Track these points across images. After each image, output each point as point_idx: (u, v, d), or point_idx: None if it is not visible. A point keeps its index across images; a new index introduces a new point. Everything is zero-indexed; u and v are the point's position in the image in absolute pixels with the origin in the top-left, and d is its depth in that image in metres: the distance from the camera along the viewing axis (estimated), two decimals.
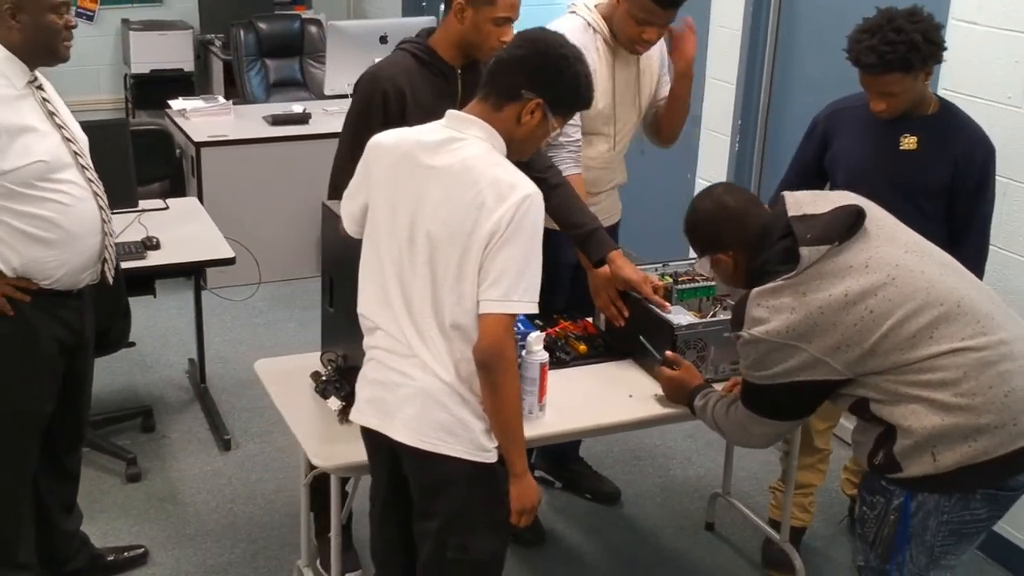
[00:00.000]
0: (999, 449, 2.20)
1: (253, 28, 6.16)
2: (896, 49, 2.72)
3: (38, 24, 2.63)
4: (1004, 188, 3.31)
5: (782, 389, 2.32)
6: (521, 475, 2.23)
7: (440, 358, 2.17)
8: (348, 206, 2.39)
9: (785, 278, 2.28)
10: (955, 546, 2.34)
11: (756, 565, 3.46)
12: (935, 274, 2.28)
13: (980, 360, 2.21)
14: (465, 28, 2.81)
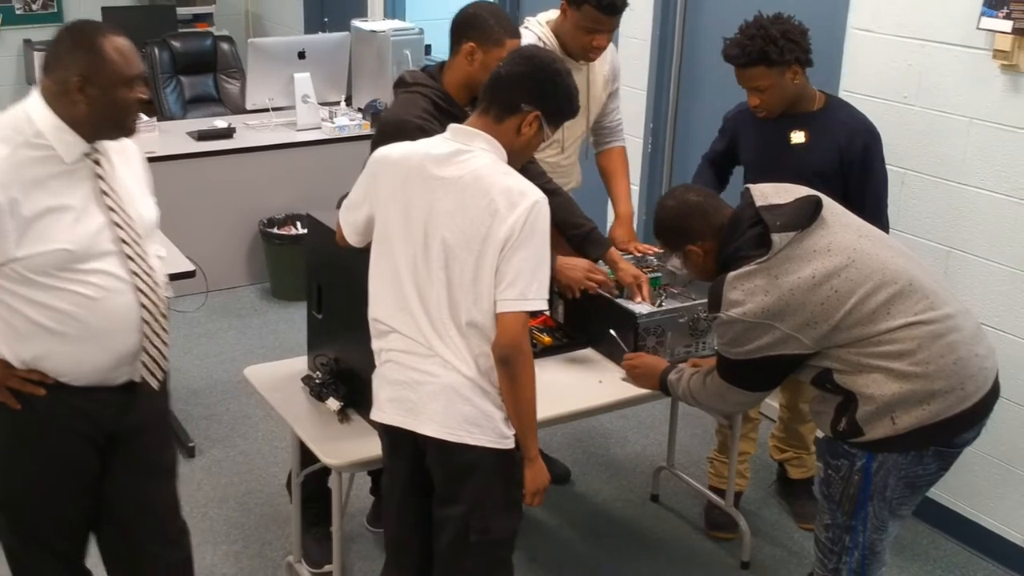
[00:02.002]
0: (949, 411, 2.38)
1: (167, 46, 6.02)
2: (755, 43, 2.94)
3: (107, 99, 2.20)
4: (902, 178, 3.53)
5: (757, 363, 2.46)
6: (535, 459, 2.31)
7: (460, 355, 2.22)
8: (350, 217, 2.41)
9: (758, 262, 2.41)
10: (909, 497, 2.53)
11: (700, 529, 3.60)
12: (887, 256, 2.45)
13: (931, 332, 2.38)
14: (474, 70, 2.82)
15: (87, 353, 2.29)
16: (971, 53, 3.25)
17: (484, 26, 2.82)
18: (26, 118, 2.20)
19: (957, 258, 3.42)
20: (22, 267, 2.19)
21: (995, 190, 3.28)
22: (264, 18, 7.89)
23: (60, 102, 2.20)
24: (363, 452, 2.52)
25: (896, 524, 2.57)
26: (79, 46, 2.18)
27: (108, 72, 2.19)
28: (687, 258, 2.62)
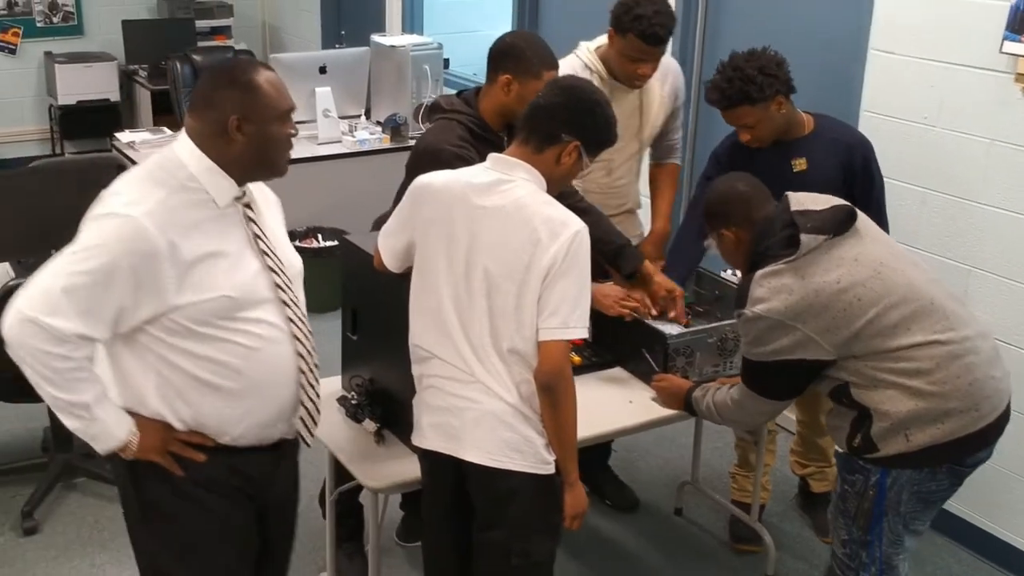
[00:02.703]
0: (963, 430, 2.40)
1: (189, 60, 6.03)
2: (733, 85, 2.92)
3: (263, 135, 2.09)
4: (923, 197, 3.53)
5: (777, 367, 2.47)
6: (574, 484, 2.32)
7: (502, 382, 2.23)
8: (390, 243, 2.42)
9: (786, 261, 2.43)
10: (922, 512, 2.53)
11: (725, 543, 3.60)
12: (912, 274, 2.48)
13: (949, 353, 2.39)
14: (510, 100, 2.81)
15: (249, 408, 2.15)
16: (993, 76, 3.26)
17: (521, 57, 2.81)
18: (178, 161, 2.09)
19: (977, 277, 3.42)
20: (182, 316, 2.05)
21: (1016, 210, 3.28)
22: (281, 30, 7.90)
23: (213, 144, 2.08)
24: (402, 474, 2.53)
25: (912, 539, 2.57)
26: (234, 84, 2.07)
27: (264, 108, 2.09)
28: (720, 240, 2.65)
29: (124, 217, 1.99)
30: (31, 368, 2.01)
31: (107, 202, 2.04)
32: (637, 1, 3.13)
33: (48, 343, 1.98)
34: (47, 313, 1.96)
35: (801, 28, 3.99)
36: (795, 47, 3.85)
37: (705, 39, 4.42)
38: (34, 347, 1.98)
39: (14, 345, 1.99)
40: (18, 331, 1.98)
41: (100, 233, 1.99)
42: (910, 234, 3.55)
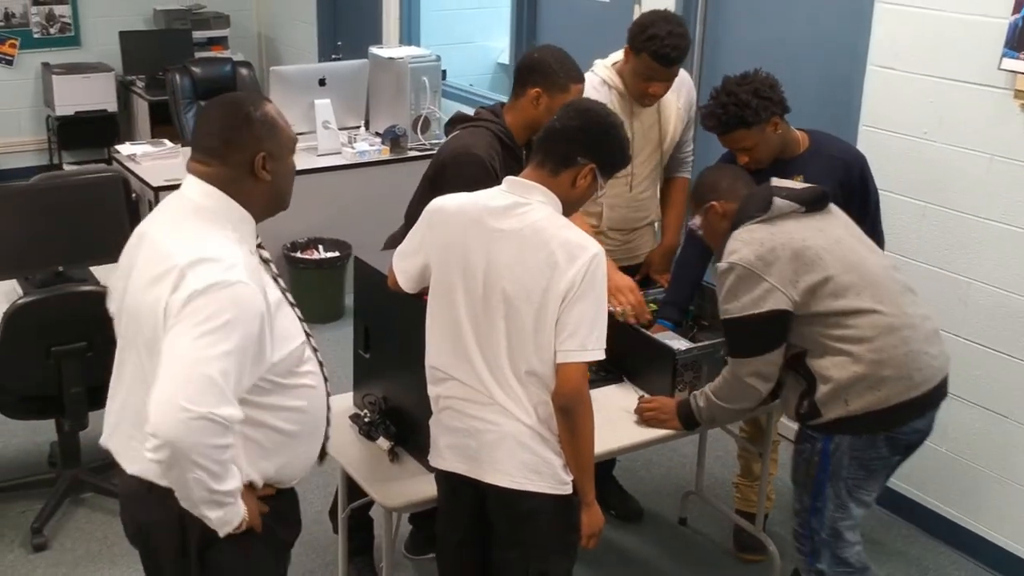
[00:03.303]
0: (896, 398, 2.57)
1: (187, 72, 6.00)
2: (728, 110, 2.93)
3: (285, 169, 2.04)
4: (922, 211, 3.54)
5: (753, 323, 2.59)
6: (591, 503, 2.31)
7: (520, 404, 2.22)
8: (405, 265, 2.40)
9: (758, 220, 2.64)
10: (865, 480, 2.68)
11: (729, 552, 3.60)
12: (866, 254, 2.69)
13: (889, 324, 2.58)
14: (539, 113, 2.86)
15: (310, 447, 2.14)
16: (992, 92, 3.27)
17: (549, 72, 2.88)
18: (221, 207, 1.99)
19: (977, 289, 3.43)
20: (272, 373, 1.97)
21: (1015, 224, 3.29)
22: (277, 41, 7.87)
23: (241, 186, 1.99)
24: (417, 493, 2.52)
25: (859, 509, 2.70)
26: (252, 122, 1.99)
27: (284, 140, 2.04)
28: (707, 214, 2.77)
29: (235, 284, 1.89)
30: (198, 467, 1.85)
31: (205, 270, 1.89)
32: (653, 21, 3.14)
33: (219, 436, 1.85)
34: (216, 404, 1.83)
35: (801, 44, 3.99)
36: (795, 63, 3.89)
37: (704, 55, 4.42)
38: (206, 444, 1.83)
39: (185, 447, 1.81)
40: (188, 431, 1.81)
41: (222, 306, 1.86)
42: (910, 247, 3.56)
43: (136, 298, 1.99)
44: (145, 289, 1.95)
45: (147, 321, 1.94)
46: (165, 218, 2.06)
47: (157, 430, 1.82)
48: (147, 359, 1.96)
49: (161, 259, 1.94)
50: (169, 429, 1.81)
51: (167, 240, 1.98)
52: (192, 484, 1.87)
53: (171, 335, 1.87)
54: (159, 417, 1.82)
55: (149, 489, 2.03)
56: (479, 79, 6.56)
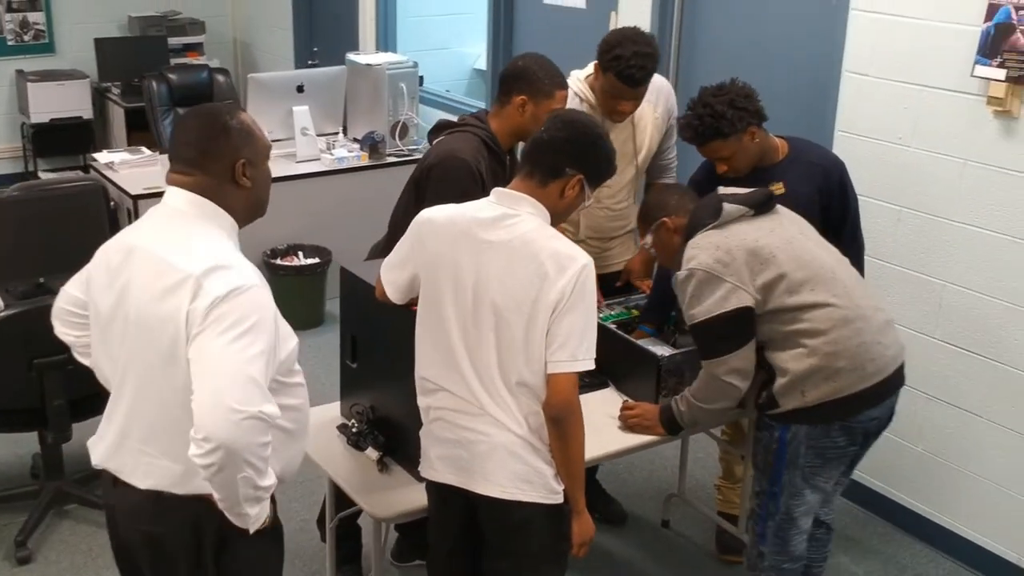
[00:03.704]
0: (849, 388, 2.64)
1: (164, 79, 5.95)
2: (704, 121, 2.94)
3: (263, 175, 2.08)
4: (898, 215, 3.56)
5: (720, 323, 2.62)
6: (582, 512, 2.31)
7: (511, 414, 2.21)
8: (393, 276, 2.39)
9: (711, 227, 2.69)
10: (822, 468, 2.75)
11: (712, 553, 3.61)
12: (818, 251, 2.74)
13: (843, 317, 2.63)
14: (525, 120, 2.91)
15: (303, 446, 2.19)
16: (965, 99, 3.29)
17: (534, 79, 2.91)
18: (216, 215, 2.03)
19: (951, 291, 3.46)
20: (278, 372, 1.99)
21: (988, 228, 3.32)
22: (253, 47, 7.82)
23: (224, 193, 2.02)
24: (407, 503, 2.50)
25: (815, 495, 2.77)
26: (229, 131, 2.02)
27: (260, 147, 2.08)
28: (658, 232, 2.81)
29: (252, 288, 1.94)
30: (248, 465, 1.87)
31: (221, 278, 1.91)
32: (619, 41, 3.14)
33: (265, 433, 1.88)
34: (262, 403, 1.86)
35: (777, 51, 4.01)
36: (771, 70, 3.91)
37: (680, 64, 4.43)
38: (256, 443, 1.86)
39: (238, 448, 1.83)
40: (240, 432, 1.83)
41: (247, 311, 1.90)
42: (886, 251, 3.59)
43: (144, 312, 1.97)
44: (156, 302, 1.95)
45: (163, 332, 1.94)
46: (156, 230, 2.05)
47: (211, 434, 1.82)
48: (162, 369, 1.96)
49: (169, 270, 1.94)
50: (222, 431, 1.82)
51: (169, 251, 1.98)
52: (241, 483, 1.89)
53: (199, 342, 1.89)
54: (211, 421, 1.83)
55: (157, 500, 2.03)
56: (455, 85, 6.54)
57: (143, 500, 2.05)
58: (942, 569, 3.57)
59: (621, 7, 4.59)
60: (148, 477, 2.04)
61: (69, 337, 2.21)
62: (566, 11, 4.99)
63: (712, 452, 3.84)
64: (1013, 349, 3.32)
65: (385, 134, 5.51)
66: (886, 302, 3.57)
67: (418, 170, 3.06)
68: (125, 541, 2.16)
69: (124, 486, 2.08)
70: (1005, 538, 3.46)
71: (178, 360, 1.92)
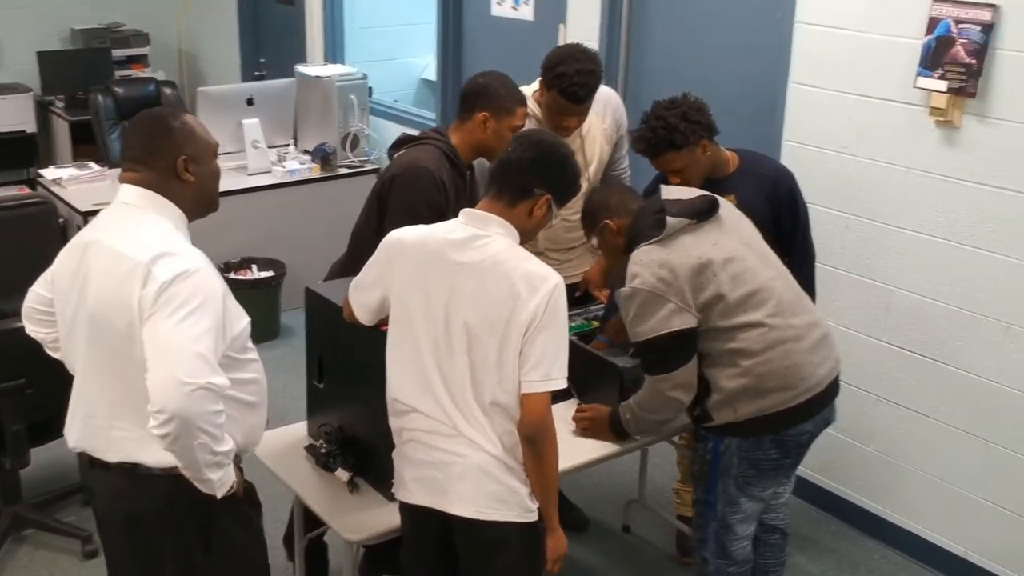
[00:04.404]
0: (780, 406, 2.66)
1: (110, 92, 5.79)
2: (657, 133, 2.95)
3: (208, 172, 2.22)
4: (845, 222, 3.60)
5: (663, 342, 2.60)
6: (556, 529, 2.30)
7: (485, 434, 2.19)
8: (363, 298, 2.34)
9: (654, 241, 2.62)
10: (755, 478, 2.77)
11: (673, 556, 3.62)
12: (759, 267, 2.69)
13: (776, 339, 2.63)
14: (487, 136, 2.92)
15: (263, 417, 2.30)
16: (908, 109, 3.34)
17: (496, 96, 2.92)
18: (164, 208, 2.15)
19: (898, 296, 3.50)
20: (231, 350, 2.12)
21: (933, 234, 3.37)
22: (199, 58, 7.66)
23: (169, 189, 2.15)
24: (379, 524, 2.46)
25: (752, 503, 2.80)
26: (171, 130, 2.16)
27: (203, 145, 2.20)
28: (602, 233, 2.77)
29: (198, 271, 2.06)
30: (202, 432, 1.99)
31: (168, 263, 2.04)
32: (562, 59, 3.14)
33: (216, 403, 2.00)
34: (210, 375, 1.98)
35: (724, 64, 4.03)
36: (719, 83, 3.93)
37: (628, 80, 4.43)
38: (208, 411, 1.99)
39: (190, 416, 1.96)
40: (191, 402, 1.96)
41: (193, 292, 2.02)
42: (834, 257, 3.62)
43: (102, 299, 2.09)
44: (112, 289, 2.07)
45: (119, 317, 2.06)
46: (110, 224, 2.18)
47: (164, 405, 1.95)
48: (124, 349, 2.08)
49: (121, 260, 2.07)
50: (174, 403, 1.95)
51: (120, 242, 2.10)
52: (197, 449, 2.01)
53: (151, 324, 2.01)
54: (163, 394, 1.96)
55: (133, 478, 2.15)
56: (403, 95, 6.49)
57: (119, 478, 2.17)
58: (893, 564, 3.62)
59: (569, 20, 4.58)
60: (119, 452, 2.16)
61: (39, 334, 2.34)
62: (515, 23, 4.97)
63: (670, 456, 3.84)
64: (957, 351, 3.38)
65: (336, 146, 5.45)
66: (835, 307, 3.63)
67: (379, 183, 3.03)
68: (108, 523, 2.29)
69: (99, 466, 2.19)
70: (952, 533, 3.52)
71: (135, 340, 2.05)
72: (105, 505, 2.27)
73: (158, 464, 2.11)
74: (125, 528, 2.23)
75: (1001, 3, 3.06)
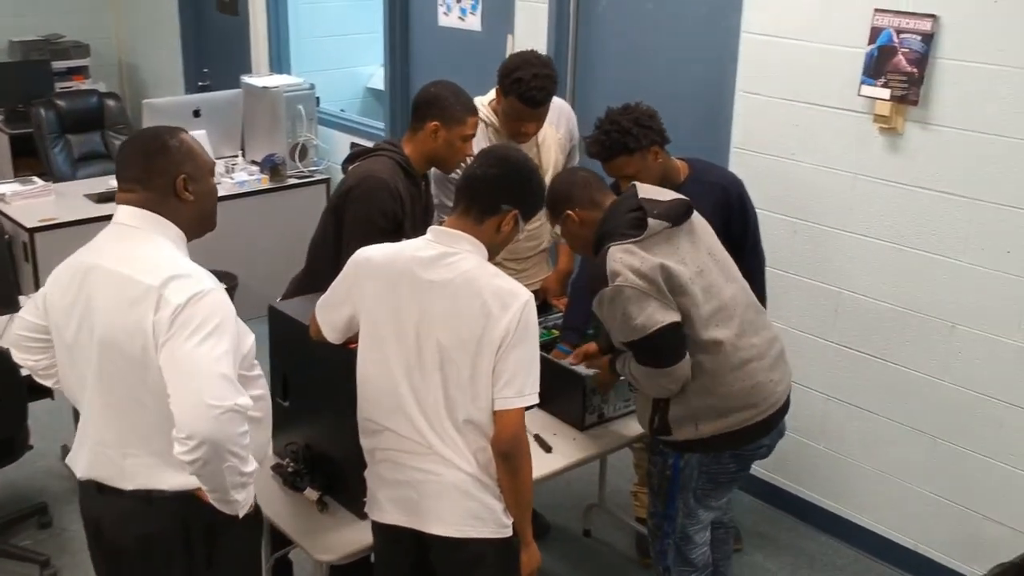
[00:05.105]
0: (743, 423, 2.65)
1: (53, 106, 5.62)
2: (611, 136, 2.95)
3: (206, 190, 2.18)
4: (793, 227, 3.63)
5: (654, 337, 2.52)
6: (530, 543, 2.28)
7: (460, 452, 2.15)
8: (331, 317, 2.29)
9: (634, 241, 2.56)
10: (714, 490, 2.77)
11: (633, 559, 3.61)
12: (721, 280, 2.67)
13: (741, 359, 2.62)
14: (438, 145, 2.88)
15: (269, 432, 2.27)
16: (853, 116, 3.37)
17: (446, 105, 2.88)
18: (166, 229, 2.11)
19: (847, 298, 3.54)
20: (241, 368, 2.06)
21: (878, 237, 3.41)
22: (140, 69, 7.48)
23: (168, 208, 2.10)
24: (350, 543, 2.40)
25: (708, 513, 2.81)
26: (169, 149, 2.10)
27: (201, 163, 2.16)
28: (564, 223, 2.70)
29: (211, 291, 2.02)
30: (231, 455, 1.94)
31: (179, 286, 1.99)
32: (518, 65, 3.14)
33: (242, 423, 1.97)
34: (236, 396, 1.95)
35: (672, 74, 4.03)
36: (667, 92, 3.93)
37: (576, 90, 4.41)
38: (235, 433, 1.94)
39: (220, 440, 1.91)
40: (220, 425, 1.91)
41: (208, 313, 1.98)
42: (783, 261, 3.65)
43: (112, 325, 2.03)
44: (122, 315, 2.00)
45: (131, 342, 2.00)
46: (110, 247, 2.10)
47: (193, 431, 1.90)
48: (136, 376, 2.02)
49: (130, 284, 2.01)
50: (204, 427, 1.90)
51: (125, 266, 2.03)
52: (227, 472, 1.96)
53: (168, 349, 1.96)
54: (192, 419, 1.90)
55: (148, 501, 2.09)
56: (349, 104, 6.40)
57: (133, 503, 2.10)
58: (846, 558, 3.66)
59: (518, 31, 4.56)
60: (134, 479, 2.10)
61: (29, 362, 2.26)
62: (463, 34, 4.92)
63: (627, 460, 3.83)
64: (903, 350, 3.43)
65: (285, 156, 5.35)
66: (785, 310, 3.66)
67: (335, 197, 2.98)
68: (115, 548, 2.18)
69: (111, 492, 2.12)
70: (902, 526, 3.57)
71: (149, 366, 1.99)
72: (115, 531, 2.18)
73: (172, 488, 2.08)
74: (136, 552, 2.16)
75: (941, 13, 3.11)
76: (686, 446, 2.67)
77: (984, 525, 3.34)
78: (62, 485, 3.84)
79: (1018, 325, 3.14)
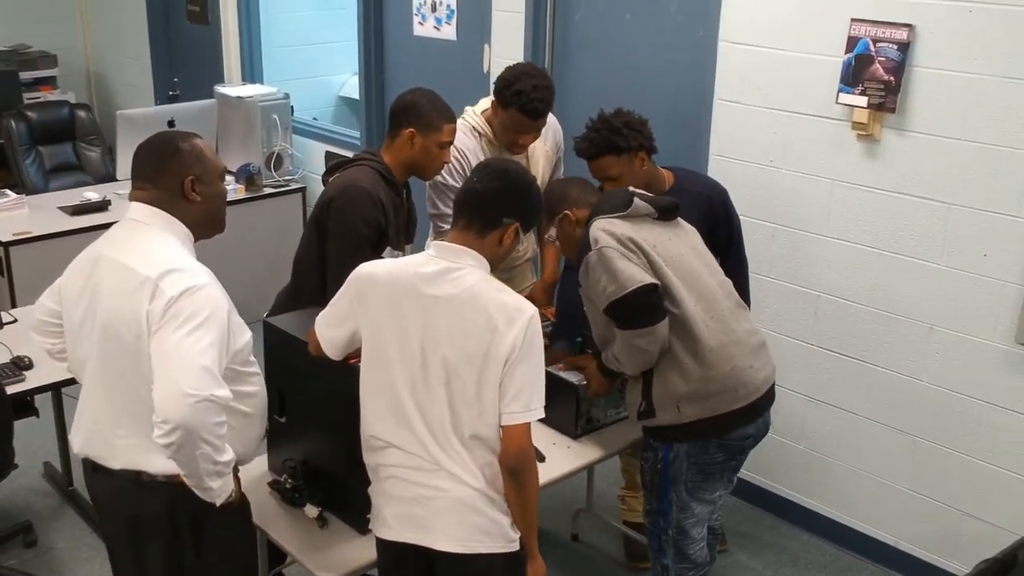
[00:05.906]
0: (723, 408, 2.65)
1: (23, 117, 5.48)
2: (600, 134, 2.96)
3: (214, 192, 2.23)
4: (772, 232, 3.63)
5: (633, 297, 2.54)
6: (536, 556, 2.24)
7: (467, 467, 2.11)
8: (331, 333, 2.24)
9: (618, 215, 2.63)
10: (704, 482, 2.77)
11: (622, 563, 3.59)
12: (702, 271, 2.71)
13: (719, 342, 2.63)
14: (415, 152, 2.85)
15: (261, 430, 2.34)
16: (831, 123, 3.38)
17: (422, 112, 2.86)
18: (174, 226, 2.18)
19: (825, 301, 3.55)
20: (234, 362, 2.14)
21: (856, 242, 3.42)
22: (108, 79, 7.32)
23: (174, 207, 2.17)
24: (353, 559, 2.35)
25: (702, 507, 2.80)
26: (180, 152, 2.19)
27: (211, 167, 2.22)
28: (560, 224, 2.73)
29: (204, 287, 2.08)
30: (204, 443, 2.00)
31: (175, 279, 2.06)
32: (517, 77, 3.12)
33: (218, 414, 2.02)
34: (214, 387, 2.00)
35: (651, 83, 4.02)
36: (645, 99, 3.90)
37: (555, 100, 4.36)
38: (210, 423, 1.99)
39: (193, 427, 1.97)
40: (194, 413, 1.97)
41: (199, 307, 2.04)
42: (763, 265, 3.65)
43: (112, 312, 2.12)
44: (122, 302, 2.09)
45: (127, 329, 2.09)
46: (120, 240, 2.20)
47: (168, 416, 1.97)
48: (129, 361, 2.10)
49: (130, 275, 2.09)
50: (178, 414, 1.96)
51: (129, 258, 2.12)
52: (200, 459, 2.02)
53: (159, 337, 2.03)
54: (168, 405, 1.97)
55: (137, 483, 2.18)
56: (322, 112, 6.32)
57: (123, 484, 2.20)
58: (828, 555, 3.67)
59: (494, 41, 4.51)
60: (122, 458, 2.18)
61: (46, 344, 2.37)
62: (438, 43, 4.87)
63: (615, 464, 3.81)
64: (882, 351, 3.44)
65: (260, 166, 5.26)
66: (765, 313, 3.66)
67: (316, 209, 2.93)
68: (110, 526, 2.32)
69: (103, 472, 2.22)
70: (882, 523, 3.58)
71: (143, 353, 2.07)
72: (108, 507, 2.31)
73: (161, 472, 2.14)
74: (125, 530, 2.26)
75: (916, 23, 3.12)
76: (672, 435, 2.66)
77: (963, 521, 3.36)
78: (45, 503, 3.73)
79: (994, 326, 3.16)
